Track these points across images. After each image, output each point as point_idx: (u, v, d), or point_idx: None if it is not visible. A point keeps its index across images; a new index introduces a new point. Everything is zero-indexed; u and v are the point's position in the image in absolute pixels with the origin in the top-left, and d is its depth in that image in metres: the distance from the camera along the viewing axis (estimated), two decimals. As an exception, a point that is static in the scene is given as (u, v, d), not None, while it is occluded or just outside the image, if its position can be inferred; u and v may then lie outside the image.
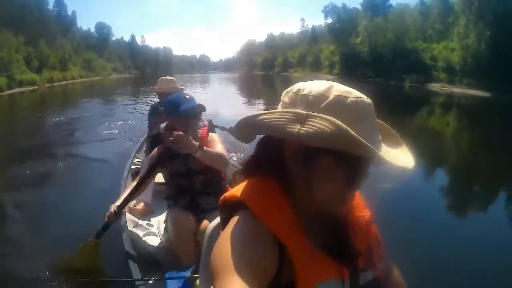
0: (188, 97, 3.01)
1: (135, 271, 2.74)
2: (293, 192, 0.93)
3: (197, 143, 2.64)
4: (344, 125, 0.75)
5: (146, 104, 19.58)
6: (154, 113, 5.02)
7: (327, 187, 0.88)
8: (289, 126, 0.81)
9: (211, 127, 3.28)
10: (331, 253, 0.91)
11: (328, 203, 0.89)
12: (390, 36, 60.37)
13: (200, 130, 3.10)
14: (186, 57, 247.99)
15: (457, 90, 41.71)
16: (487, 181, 8.48)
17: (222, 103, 20.85)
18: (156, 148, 3.11)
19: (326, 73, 77.27)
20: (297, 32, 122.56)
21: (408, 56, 54.63)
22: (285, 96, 0.93)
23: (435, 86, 46.24)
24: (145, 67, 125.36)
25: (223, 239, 0.84)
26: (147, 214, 4.04)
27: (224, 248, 0.81)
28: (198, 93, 31.14)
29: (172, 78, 5.24)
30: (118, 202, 2.97)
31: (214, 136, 3.07)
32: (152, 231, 3.60)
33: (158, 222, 3.71)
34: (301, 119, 0.80)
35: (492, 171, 9.21)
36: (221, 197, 0.99)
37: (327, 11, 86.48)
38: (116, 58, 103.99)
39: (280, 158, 0.94)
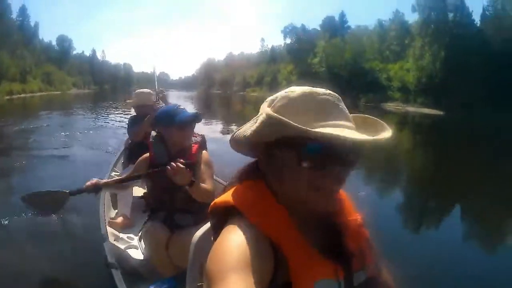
0: (182, 107, 3.01)
1: (119, 284, 2.63)
2: (276, 191, 0.96)
3: (191, 177, 2.59)
4: (271, 111, 0.86)
5: (120, 116, 20.65)
6: (136, 124, 4.78)
7: (290, 177, 0.91)
8: (249, 129, 0.93)
9: (203, 144, 3.17)
10: (326, 253, 0.92)
11: (300, 196, 0.91)
12: (347, 57, 61.20)
13: (192, 146, 3.04)
14: (145, 74, 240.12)
15: (411, 109, 42.65)
16: (441, 195, 8.60)
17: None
18: (141, 158, 3.05)
19: None
20: (257, 52, 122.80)
21: (365, 76, 55.58)
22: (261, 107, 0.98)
23: (390, 106, 47.04)
24: (104, 83, 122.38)
25: (219, 245, 0.84)
26: (126, 227, 3.95)
27: (220, 253, 0.81)
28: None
29: (150, 91, 5.11)
30: (113, 213, 3.29)
31: (205, 155, 3.02)
32: (133, 244, 3.52)
33: (139, 235, 3.50)
34: (255, 120, 0.91)
35: (444, 186, 9.34)
36: (212, 204, 1.00)
37: (286, 32, 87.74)
38: (76, 73, 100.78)
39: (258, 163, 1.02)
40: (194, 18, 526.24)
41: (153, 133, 3.11)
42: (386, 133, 0.92)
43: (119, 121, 18.58)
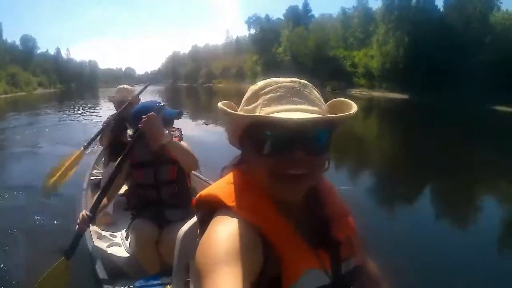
0: (162, 103, 2.89)
1: (104, 282, 2.59)
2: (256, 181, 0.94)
3: (166, 132, 2.58)
4: (220, 105, 0.89)
5: (89, 114, 21.40)
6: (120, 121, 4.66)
7: (251, 165, 0.92)
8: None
9: (181, 136, 3.06)
10: (314, 243, 0.92)
11: (264, 183, 0.89)
12: (311, 45, 61.19)
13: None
14: (111, 70, 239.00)
15: (376, 94, 43.19)
16: (409, 176, 8.73)
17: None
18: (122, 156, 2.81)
19: (249, 82, 76.61)
20: (222, 43, 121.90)
21: (329, 63, 55.42)
22: None
23: (355, 92, 47.24)
24: (70, 82, 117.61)
25: (208, 238, 0.82)
26: (108, 225, 3.87)
27: (209, 246, 0.80)
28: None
29: (129, 87, 5.07)
30: (85, 212, 2.73)
31: (186, 145, 2.82)
32: (116, 242, 3.42)
33: (121, 233, 3.47)
34: None
35: (412, 166, 9.63)
36: (197, 197, 0.99)
37: (250, 22, 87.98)
38: (41, 72, 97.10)
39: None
40: (160, 11, 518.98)
41: (130, 132, 2.99)
42: (349, 111, 0.89)
43: (88, 119, 18.99)
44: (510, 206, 6.98)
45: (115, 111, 4.83)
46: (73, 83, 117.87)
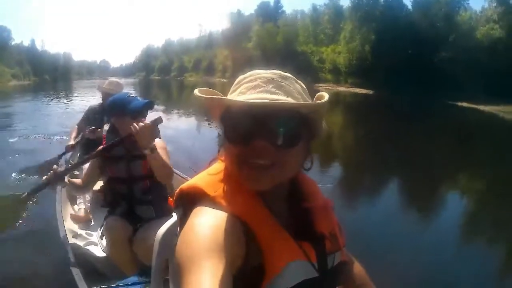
0: (133, 95, 2.79)
1: (80, 284, 2.49)
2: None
3: (154, 138, 2.52)
4: (195, 91, 0.84)
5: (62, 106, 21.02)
6: (92, 116, 4.77)
7: (225, 153, 0.89)
8: None
9: (157, 133, 2.87)
10: (298, 235, 0.90)
11: (234, 171, 0.87)
12: (280, 41, 61.05)
13: None
14: (86, 62, 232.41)
15: (342, 89, 43.19)
16: (372, 169, 8.76)
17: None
18: (98, 149, 2.71)
19: (219, 77, 77.20)
20: (196, 37, 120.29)
21: (297, 59, 55.02)
22: None
23: (322, 86, 46.42)
24: (44, 74, 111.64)
25: (188, 231, 0.79)
26: (85, 223, 3.74)
27: (190, 239, 0.77)
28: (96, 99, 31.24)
29: (121, 82, 5.04)
30: (71, 209, 3.18)
31: (160, 143, 2.72)
32: (92, 240, 3.27)
33: (98, 231, 3.27)
34: None
35: (376, 160, 9.61)
36: (177, 191, 0.95)
37: (221, 17, 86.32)
38: (15, 64, 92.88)
39: None
40: (135, 3, 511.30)
41: (106, 126, 2.88)
42: (321, 99, 0.86)
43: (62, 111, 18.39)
44: (469, 196, 7.29)
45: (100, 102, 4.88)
46: (47, 75, 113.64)
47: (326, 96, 0.83)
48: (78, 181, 2.80)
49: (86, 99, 26.50)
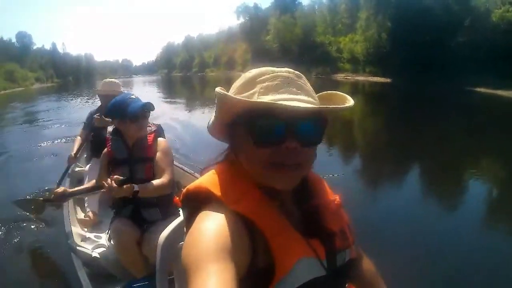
0: (134, 97, 2.80)
1: (89, 286, 2.51)
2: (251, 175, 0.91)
3: (133, 186, 2.47)
4: (219, 89, 0.82)
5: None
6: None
7: (244, 154, 0.88)
8: (214, 114, 0.92)
9: (160, 132, 3.02)
10: (307, 233, 0.90)
11: (256, 173, 0.87)
12: (298, 32, 60.61)
13: (147, 137, 2.86)
14: (108, 62, 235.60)
15: (360, 78, 42.86)
16: (395, 159, 8.58)
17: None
18: (102, 155, 2.87)
19: (240, 70, 76.53)
20: (215, 33, 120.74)
21: (315, 50, 54.98)
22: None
23: (340, 76, 47.04)
24: (67, 75, 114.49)
25: (195, 234, 0.79)
26: (94, 225, 3.75)
27: (196, 242, 0.76)
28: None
29: (116, 80, 4.93)
30: (65, 190, 2.88)
31: (162, 143, 2.85)
32: (101, 243, 3.22)
33: (106, 233, 3.21)
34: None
35: (397, 148, 9.52)
36: (183, 192, 0.94)
37: (239, 12, 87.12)
38: (38, 67, 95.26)
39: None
40: (154, 2, 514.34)
41: (110, 128, 2.98)
42: (345, 103, 0.90)
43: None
44: (493, 185, 6.92)
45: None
46: (70, 77, 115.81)
47: (350, 101, 0.88)
48: (92, 182, 2.91)
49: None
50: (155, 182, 2.60)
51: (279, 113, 0.78)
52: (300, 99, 0.82)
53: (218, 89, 0.82)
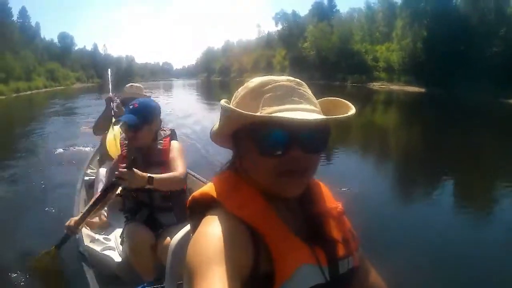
0: (132, 106, 2.72)
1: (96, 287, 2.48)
2: (254, 182, 0.91)
3: (146, 175, 2.42)
4: (222, 102, 0.85)
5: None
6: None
7: (251, 164, 0.89)
8: (217, 122, 0.92)
9: (173, 136, 2.95)
10: (308, 240, 0.89)
11: (264, 182, 0.88)
12: (335, 40, 60.66)
13: (162, 141, 2.84)
14: (149, 64, 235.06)
15: (395, 87, 42.77)
16: (429, 169, 8.39)
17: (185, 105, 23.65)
18: (116, 158, 2.93)
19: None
20: (255, 38, 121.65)
21: (352, 58, 55.06)
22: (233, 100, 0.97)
23: (375, 85, 47.07)
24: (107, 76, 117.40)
25: (199, 238, 0.80)
26: (103, 227, 3.69)
27: (199, 246, 0.77)
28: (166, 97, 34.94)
29: (140, 85, 4.91)
30: (77, 217, 2.72)
31: (175, 145, 2.83)
32: (110, 245, 3.27)
33: (115, 236, 3.34)
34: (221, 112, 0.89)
35: (431, 159, 9.25)
36: (190, 198, 0.95)
37: (277, 18, 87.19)
38: (79, 67, 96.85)
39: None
40: (195, 7, 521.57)
41: (123, 133, 2.91)
42: (347, 112, 0.89)
43: None
44: None
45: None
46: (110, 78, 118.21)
47: (352, 109, 0.89)
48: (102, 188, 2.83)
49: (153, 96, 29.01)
50: (168, 174, 2.60)
51: (283, 124, 0.79)
52: (303, 108, 0.84)
53: (223, 102, 0.85)
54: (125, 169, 2.37)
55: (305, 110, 0.84)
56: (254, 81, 0.90)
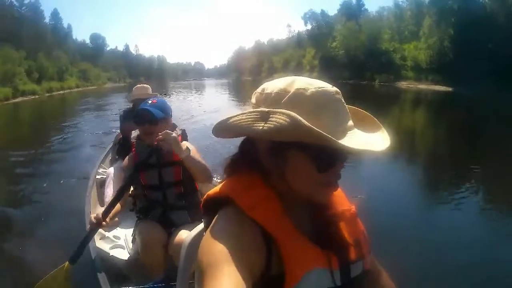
0: (150, 101, 2.69)
1: (104, 286, 2.46)
2: (274, 185, 0.90)
3: (185, 143, 2.48)
4: (299, 118, 0.73)
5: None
6: (128, 118, 4.34)
7: (301, 177, 0.85)
8: (254, 125, 0.81)
9: (184, 137, 2.93)
10: (320, 243, 0.87)
11: (308, 192, 0.87)
12: (363, 39, 60.62)
13: None
14: (181, 64, 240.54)
15: (423, 86, 42.22)
16: (458, 171, 8.28)
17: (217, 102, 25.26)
18: (127, 158, 2.78)
19: (307, 76, 77.32)
20: (285, 38, 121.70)
21: (380, 57, 54.89)
22: (253, 97, 0.92)
23: (403, 84, 46.67)
24: (139, 76, 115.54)
25: (211, 237, 0.79)
26: (113, 225, 3.30)
27: (212, 245, 0.76)
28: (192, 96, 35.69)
29: (147, 85, 4.79)
30: (99, 211, 2.58)
31: (188, 145, 2.61)
32: (120, 243, 3.28)
33: (125, 234, 3.35)
34: (265, 117, 0.79)
35: (458, 161, 9.14)
36: (204, 197, 0.94)
37: (306, 18, 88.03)
38: (111, 68, 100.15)
39: (256, 156, 0.92)
40: (226, 7, 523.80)
41: (134, 133, 2.86)
42: (384, 135, 0.90)
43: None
44: None
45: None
46: (142, 77, 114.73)
47: (384, 132, 0.90)
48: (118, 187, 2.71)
49: (182, 96, 32.59)
50: (200, 159, 2.56)
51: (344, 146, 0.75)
52: (352, 126, 0.84)
53: (295, 115, 0.73)
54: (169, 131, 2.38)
55: (358, 134, 0.85)
56: (307, 88, 0.81)
